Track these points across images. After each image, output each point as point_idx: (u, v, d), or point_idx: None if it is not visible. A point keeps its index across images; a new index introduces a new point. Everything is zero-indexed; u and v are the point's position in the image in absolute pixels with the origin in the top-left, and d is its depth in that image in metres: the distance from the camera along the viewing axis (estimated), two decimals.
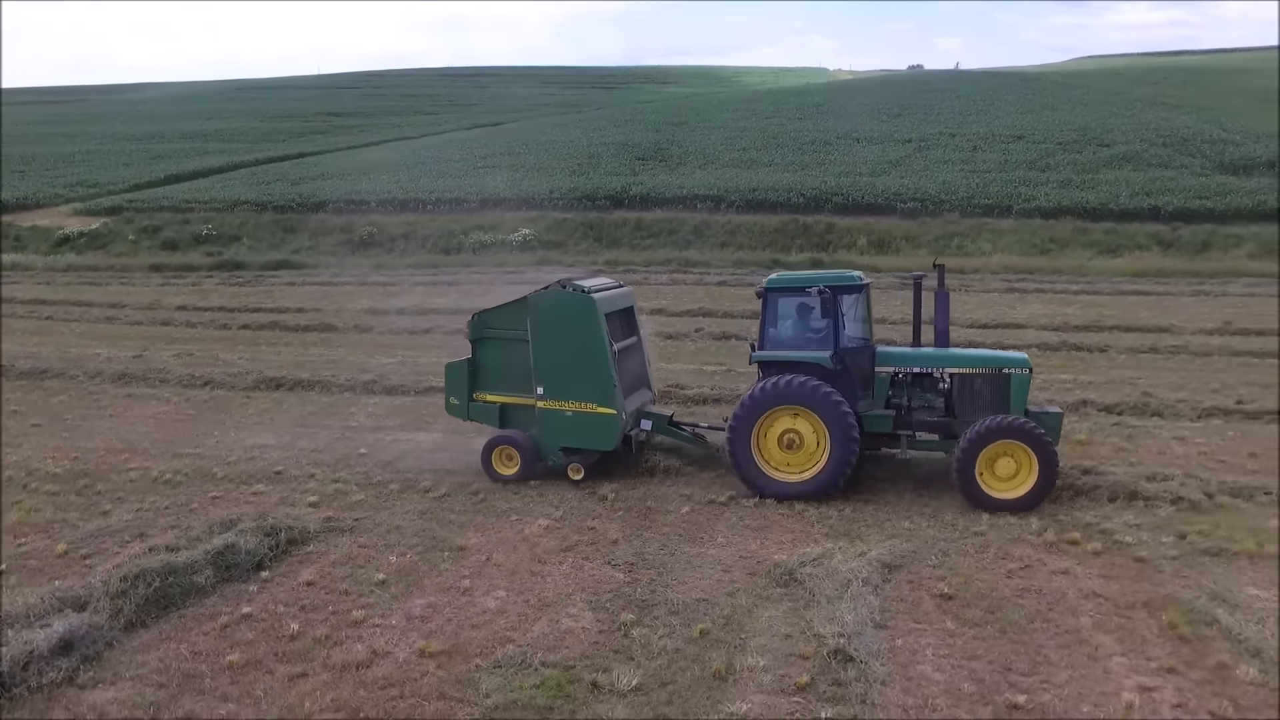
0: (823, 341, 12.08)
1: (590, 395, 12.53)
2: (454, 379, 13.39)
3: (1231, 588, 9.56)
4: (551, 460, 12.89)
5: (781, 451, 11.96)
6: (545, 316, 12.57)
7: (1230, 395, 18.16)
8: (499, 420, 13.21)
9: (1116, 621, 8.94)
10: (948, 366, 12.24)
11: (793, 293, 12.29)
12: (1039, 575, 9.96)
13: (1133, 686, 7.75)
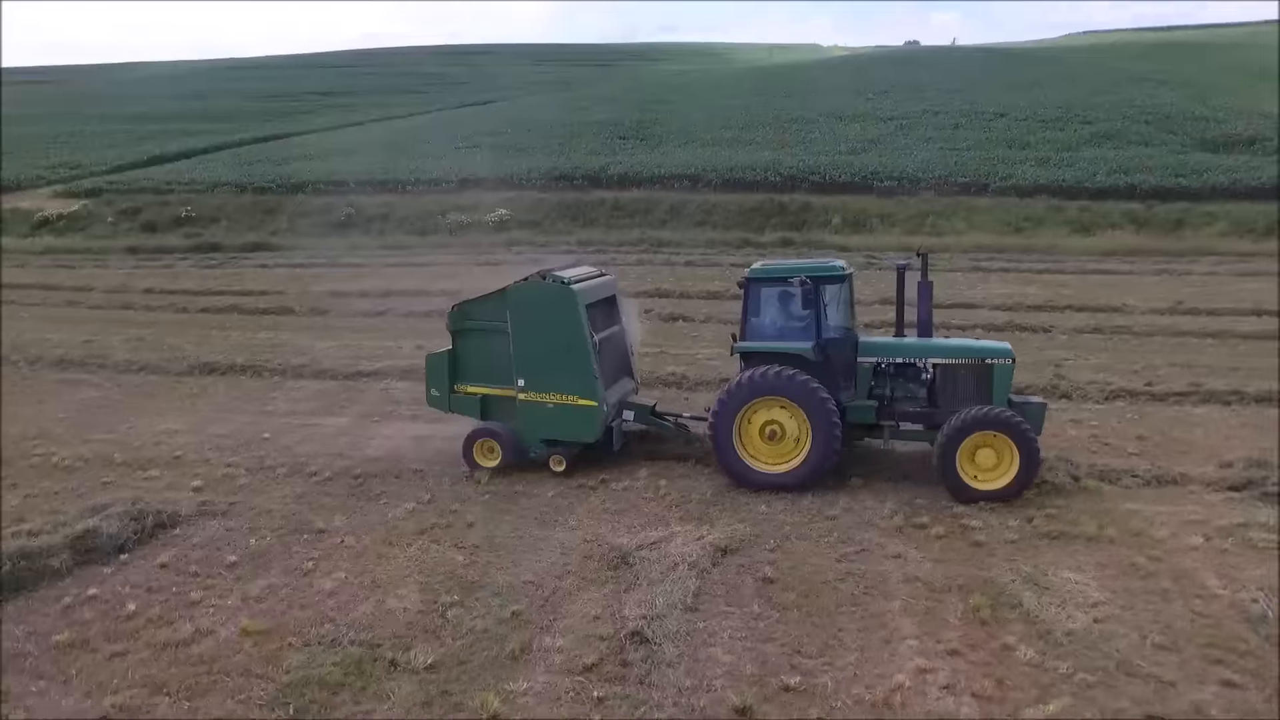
0: (805, 332, 12.14)
1: (571, 387, 12.56)
2: (435, 371, 13.43)
3: (1050, 571, 9.86)
4: (533, 452, 12.95)
5: (764, 443, 12.03)
6: (525, 308, 12.60)
7: (1146, 377, 18.33)
8: (480, 412, 13.25)
9: (925, 605, 9.27)
10: (930, 357, 12.28)
11: (774, 283, 12.27)
12: (871, 559, 10.29)
13: (912, 669, 8.10)
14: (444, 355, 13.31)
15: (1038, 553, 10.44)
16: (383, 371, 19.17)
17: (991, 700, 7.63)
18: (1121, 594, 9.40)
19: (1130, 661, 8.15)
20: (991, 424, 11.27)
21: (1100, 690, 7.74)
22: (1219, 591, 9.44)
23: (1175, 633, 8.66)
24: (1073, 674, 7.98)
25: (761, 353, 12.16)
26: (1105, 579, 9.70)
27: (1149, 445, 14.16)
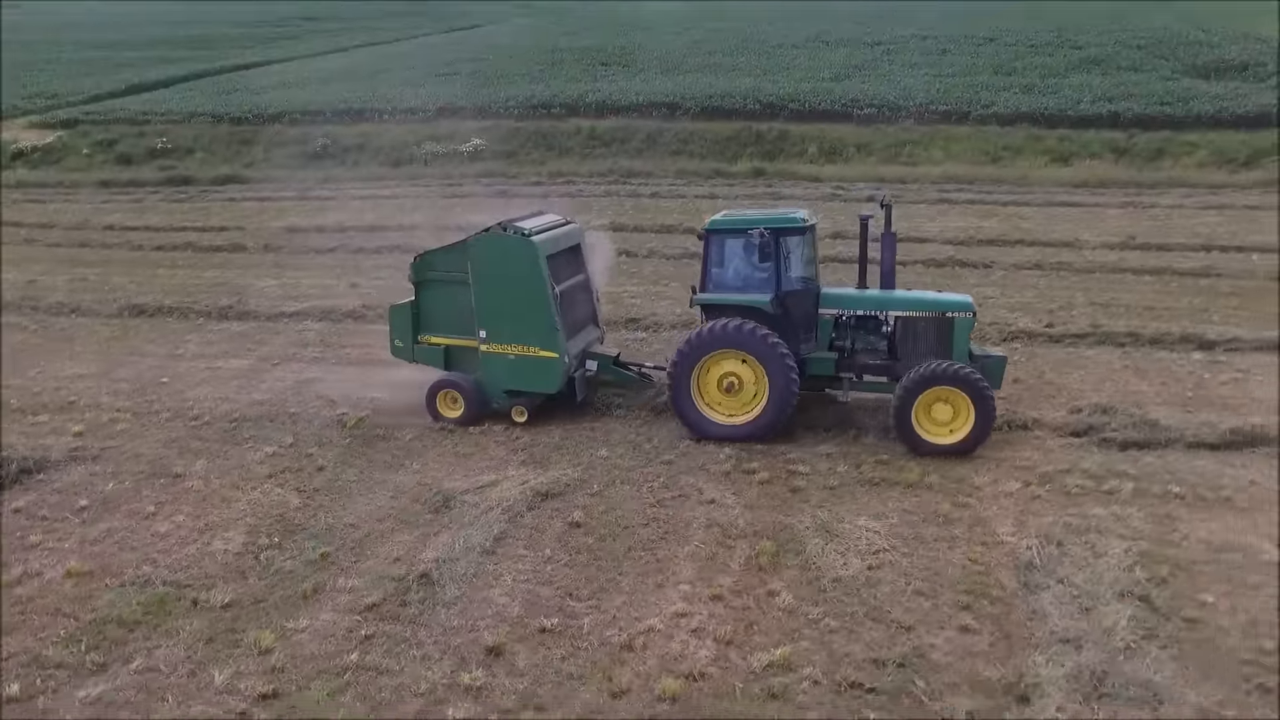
0: (764, 284, 12.20)
1: (532, 338, 12.66)
2: (398, 321, 13.51)
3: (848, 518, 10.34)
4: (496, 403, 13.11)
5: (721, 394, 12.20)
6: (485, 259, 12.63)
7: (1060, 318, 18.54)
8: (444, 362, 13.39)
9: (713, 551, 9.79)
10: (891, 310, 12.40)
11: (734, 234, 12.25)
12: (685, 505, 10.80)
13: (670, 613, 8.67)
14: (407, 306, 13.40)
15: (849, 499, 10.90)
16: (305, 313, 19.65)
17: (731, 644, 8.18)
18: (909, 541, 9.87)
19: (881, 608, 8.66)
20: (948, 379, 11.46)
21: (839, 635, 8.27)
22: (1006, 539, 9.89)
23: (940, 579, 9.15)
24: (820, 619, 8.50)
25: (721, 304, 12.30)
26: (901, 526, 10.16)
27: (1019, 389, 14.46)
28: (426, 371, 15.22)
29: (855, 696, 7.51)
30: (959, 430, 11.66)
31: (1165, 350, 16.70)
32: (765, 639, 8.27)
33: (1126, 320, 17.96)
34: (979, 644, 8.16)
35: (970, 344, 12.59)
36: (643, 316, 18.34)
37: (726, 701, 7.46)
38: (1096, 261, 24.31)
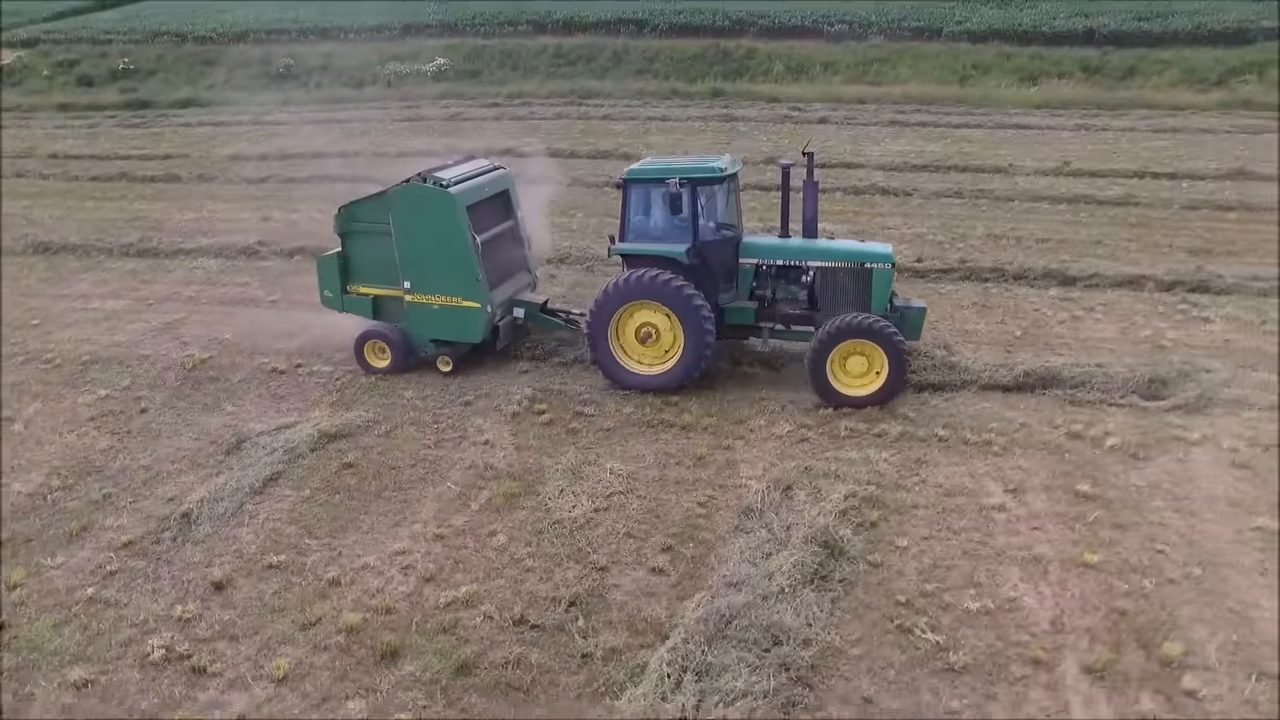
0: (681, 234, 12.33)
1: (455, 289, 12.94)
2: (326, 272, 13.76)
3: (604, 460, 11.06)
4: (423, 352, 13.49)
5: (638, 344, 12.50)
6: (405, 211, 12.85)
7: (928, 251, 18.88)
8: (372, 312, 13.70)
9: (461, 491, 10.59)
10: (810, 260, 12.55)
11: (652, 184, 12.34)
12: (459, 446, 11.59)
13: (390, 550, 9.51)
14: (334, 257, 13.65)
15: (618, 442, 11.62)
16: (203, 249, 20.30)
17: (431, 581, 9.02)
18: (651, 484, 10.60)
19: (585, 549, 9.43)
20: (862, 332, 11.73)
21: (534, 574, 9.08)
22: (747, 482, 10.58)
23: (659, 523, 9.89)
24: (524, 559, 9.30)
25: (639, 254, 12.51)
26: (651, 469, 10.88)
27: None
28: (286, 312, 16.02)
29: (517, 632, 8.32)
30: (873, 383, 12.04)
31: (1025, 286, 17.10)
32: (464, 577, 9.07)
33: (1008, 254, 18.33)
34: (661, 585, 8.92)
35: (893, 293, 12.89)
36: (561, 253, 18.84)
37: (399, 634, 8.29)
38: (1020, 189, 24.49)
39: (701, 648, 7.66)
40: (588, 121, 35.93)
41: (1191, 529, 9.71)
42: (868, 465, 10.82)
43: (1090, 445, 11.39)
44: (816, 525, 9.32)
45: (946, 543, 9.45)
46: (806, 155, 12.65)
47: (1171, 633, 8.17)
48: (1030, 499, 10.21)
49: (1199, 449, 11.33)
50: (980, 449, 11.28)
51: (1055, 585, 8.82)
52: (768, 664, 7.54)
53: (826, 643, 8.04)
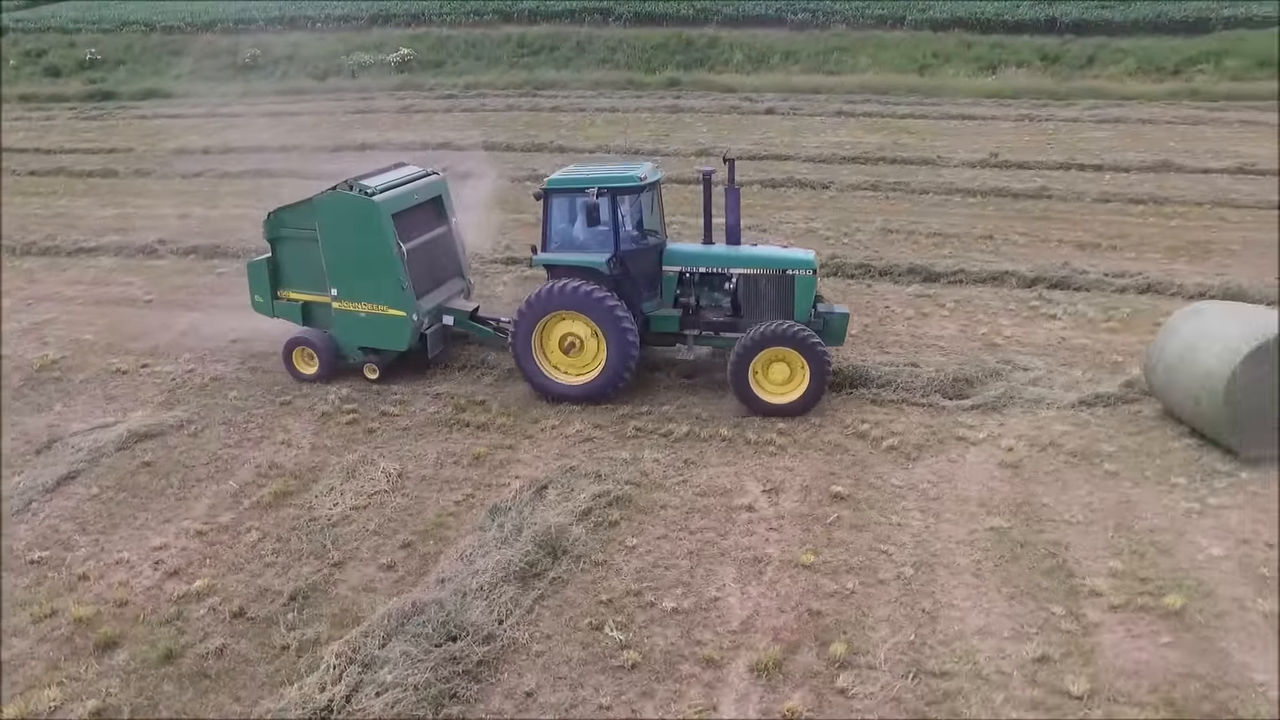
0: (602, 244, 12.48)
1: (381, 297, 13.04)
2: (256, 277, 13.81)
3: (383, 460, 11.57)
4: (352, 358, 13.60)
5: (562, 354, 12.66)
6: (331, 218, 12.94)
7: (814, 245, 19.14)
8: (302, 318, 13.78)
9: (238, 489, 11.11)
10: (733, 267, 12.73)
11: (573, 193, 12.51)
12: (259, 446, 12.13)
13: (148, 547, 10.05)
14: (264, 262, 13.72)
15: (409, 440, 12.11)
16: (103, 248, 20.84)
17: (175, 575, 9.56)
18: (419, 483, 11.11)
19: (325, 546, 9.95)
20: (783, 340, 11.96)
21: (272, 569, 9.61)
22: (511, 481, 11.06)
23: (411, 522, 10.39)
24: (268, 555, 9.85)
25: (560, 264, 12.66)
26: (425, 468, 11.39)
27: None
28: (157, 312, 16.60)
29: (233, 624, 8.84)
30: (795, 390, 12.28)
31: (889, 283, 17.46)
32: (208, 571, 9.60)
33: (891, 249, 18.69)
34: (385, 581, 9.42)
35: (818, 297, 13.16)
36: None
37: (124, 626, 8.84)
38: (941, 182, 24.70)
39: (378, 641, 8.14)
40: (536, 114, 36.37)
41: (927, 529, 10.09)
42: (636, 465, 11.25)
43: (869, 445, 11.77)
44: (548, 524, 9.76)
45: (677, 543, 9.87)
46: (727, 162, 12.89)
47: (850, 633, 8.56)
48: (783, 500, 10.61)
49: (976, 449, 11.69)
50: (758, 449, 11.68)
51: (764, 586, 9.23)
52: (434, 658, 7.99)
53: (512, 639, 8.50)
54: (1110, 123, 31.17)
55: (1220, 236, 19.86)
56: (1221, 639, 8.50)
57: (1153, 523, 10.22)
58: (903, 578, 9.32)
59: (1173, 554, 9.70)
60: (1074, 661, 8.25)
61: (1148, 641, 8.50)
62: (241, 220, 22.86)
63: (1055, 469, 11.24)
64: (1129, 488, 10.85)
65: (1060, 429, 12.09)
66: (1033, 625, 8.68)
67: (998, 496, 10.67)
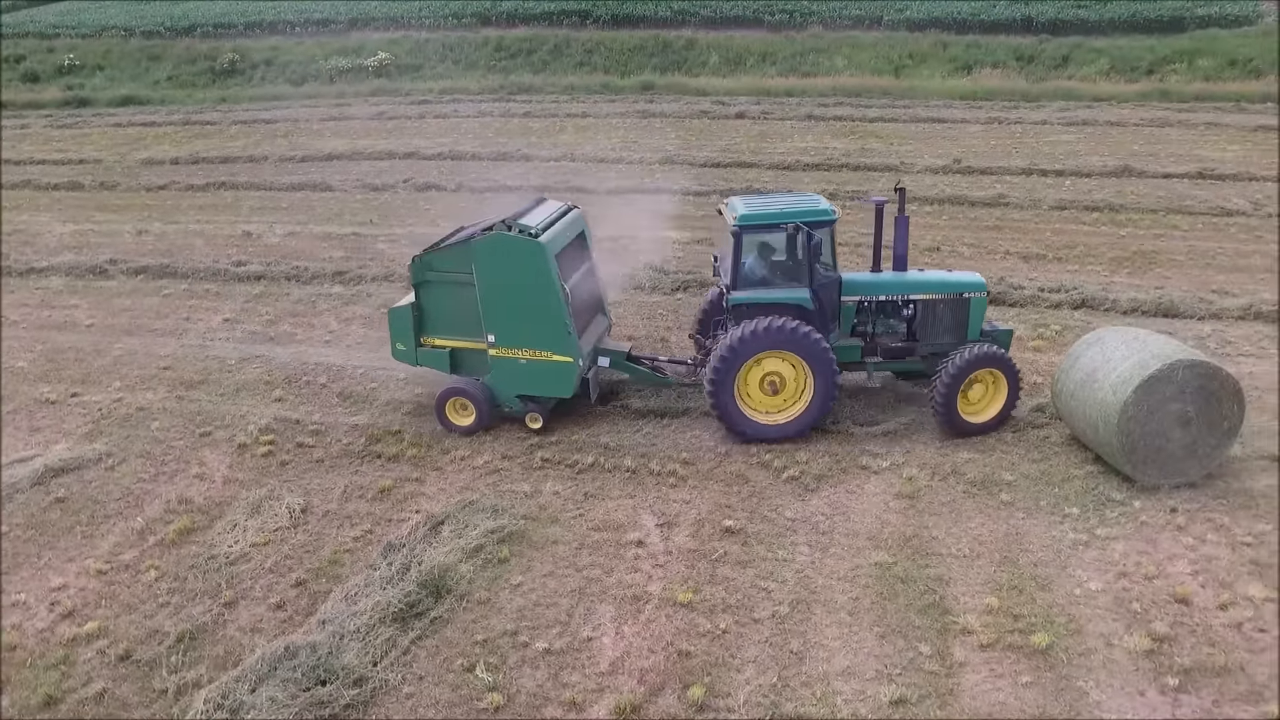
0: (798, 278, 12.44)
1: (544, 343, 12.53)
2: (399, 324, 13.19)
3: (290, 495, 11.83)
4: (508, 407, 13.02)
5: (763, 395, 12.42)
6: (491, 262, 12.35)
7: None
8: (449, 365, 13.28)
9: (145, 525, 11.37)
10: (912, 294, 12.83)
11: (766, 229, 12.38)
12: (173, 480, 12.39)
13: (50, 586, 10.36)
14: (407, 308, 13.12)
15: (320, 474, 12.37)
16: (55, 267, 21.09)
17: (68, 617, 9.84)
18: (321, 519, 11.39)
19: (220, 585, 10.22)
20: (990, 362, 12.29)
21: (165, 610, 9.87)
22: (411, 516, 11.31)
23: (309, 559, 10.67)
24: (163, 594, 10.12)
25: (758, 303, 12.38)
26: (330, 503, 11.67)
27: None
28: (96, 338, 16.80)
29: (120, 667, 9.11)
30: (993, 407, 12.60)
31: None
32: (102, 613, 9.88)
33: None
34: (273, 621, 9.69)
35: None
36: None
37: (10, 670, 9.12)
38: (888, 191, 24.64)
39: (249, 685, 8.42)
40: (508, 120, 36.60)
41: (811, 565, 10.32)
42: (536, 499, 11.51)
43: (771, 476, 12.00)
44: (435, 563, 10.02)
45: (563, 580, 10.13)
46: (898, 191, 12.99)
47: (715, 675, 8.80)
48: (675, 535, 10.86)
49: (877, 478, 11.92)
50: (660, 480, 11.93)
51: (640, 625, 9.48)
52: (300, 703, 8.27)
53: (384, 681, 8.77)
54: (1078, 125, 31.30)
55: (1167, 246, 20.02)
56: (1081, 678, 8.71)
57: (1038, 556, 10.41)
58: (777, 616, 9.55)
59: (1051, 589, 9.90)
60: (931, 704, 8.47)
61: (1008, 682, 8.71)
62: (195, 238, 23.22)
63: (952, 499, 11.45)
64: (1021, 519, 11.04)
65: (965, 456, 12.29)
66: (898, 666, 8.90)
67: (888, 529, 10.88)
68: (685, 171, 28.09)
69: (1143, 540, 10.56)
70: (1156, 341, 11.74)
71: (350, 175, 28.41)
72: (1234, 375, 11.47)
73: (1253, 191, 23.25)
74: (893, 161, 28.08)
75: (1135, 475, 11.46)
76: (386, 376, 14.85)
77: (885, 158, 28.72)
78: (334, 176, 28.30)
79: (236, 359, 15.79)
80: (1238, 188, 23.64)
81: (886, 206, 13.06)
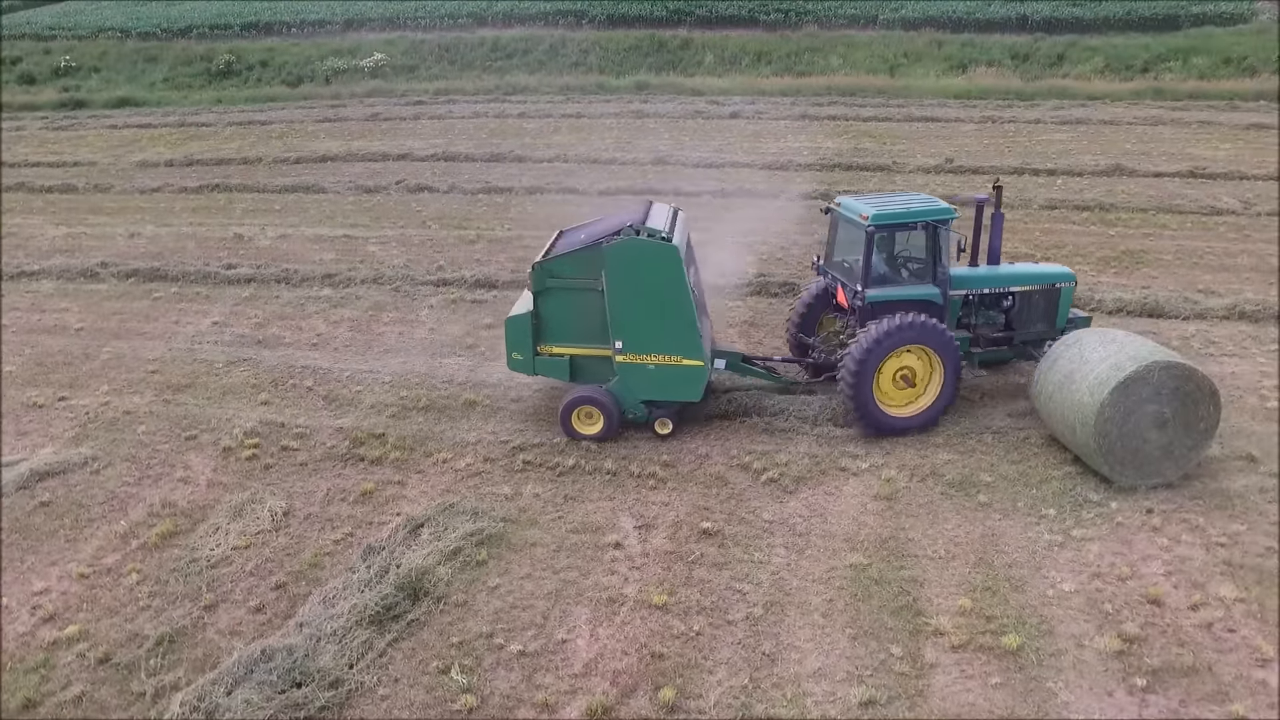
0: (924, 275, 12.98)
1: (674, 348, 12.54)
2: (517, 333, 13.01)
3: (272, 499, 11.95)
4: (633, 414, 12.93)
5: (896, 388, 12.83)
6: (623, 267, 12.27)
7: None
8: (569, 374, 13.23)
9: (128, 529, 11.51)
10: (1012, 286, 13.61)
11: (898, 228, 12.82)
12: (158, 484, 12.50)
13: (33, 590, 10.50)
14: (526, 317, 12.90)
15: (304, 477, 12.48)
16: (47, 270, 21.16)
17: (50, 621, 9.96)
18: (303, 522, 11.50)
19: (200, 589, 10.33)
20: None
21: (146, 614, 9.99)
22: (392, 519, 11.42)
23: (284, 561, 10.78)
24: (145, 598, 10.23)
25: (891, 300, 12.81)
26: (313, 505, 11.79)
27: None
28: (86, 341, 16.89)
29: (100, 671, 9.23)
30: None
31: None
32: (84, 616, 10.00)
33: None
34: (252, 623, 9.81)
35: None
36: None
37: None
38: (891, 190, 24.81)
39: (225, 688, 8.54)
40: (503, 120, 36.71)
41: (787, 567, 10.43)
42: (516, 501, 11.63)
43: (750, 478, 12.11)
44: (413, 565, 10.13)
45: (540, 582, 10.24)
46: (996, 189, 13.65)
47: (687, 676, 8.90)
48: (652, 537, 10.96)
49: (856, 480, 12.02)
50: (639, 482, 12.03)
51: (614, 627, 9.58)
52: (275, 705, 8.39)
53: (358, 683, 8.88)
54: (1072, 124, 31.34)
55: (1155, 246, 20.10)
56: (1050, 679, 8.81)
57: (1013, 557, 10.51)
58: (751, 618, 9.66)
59: (1025, 590, 9.99)
60: (900, 705, 8.57)
61: (978, 683, 8.81)
62: (187, 240, 23.34)
63: (929, 500, 11.55)
64: (998, 520, 11.14)
65: (944, 457, 12.39)
66: (869, 667, 9.01)
67: (865, 531, 10.98)
68: (676, 172, 28.19)
69: (1118, 541, 10.64)
70: (1133, 343, 11.82)
71: (343, 177, 28.53)
72: (1210, 376, 11.56)
73: (1243, 191, 23.31)
74: (885, 161, 28.17)
75: (1112, 476, 11.55)
76: (372, 380, 14.97)
77: (878, 158, 28.79)
78: (327, 178, 28.42)
79: (224, 362, 15.89)
80: (1228, 187, 23.69)
81: (985, 205, 13.66)
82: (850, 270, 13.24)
